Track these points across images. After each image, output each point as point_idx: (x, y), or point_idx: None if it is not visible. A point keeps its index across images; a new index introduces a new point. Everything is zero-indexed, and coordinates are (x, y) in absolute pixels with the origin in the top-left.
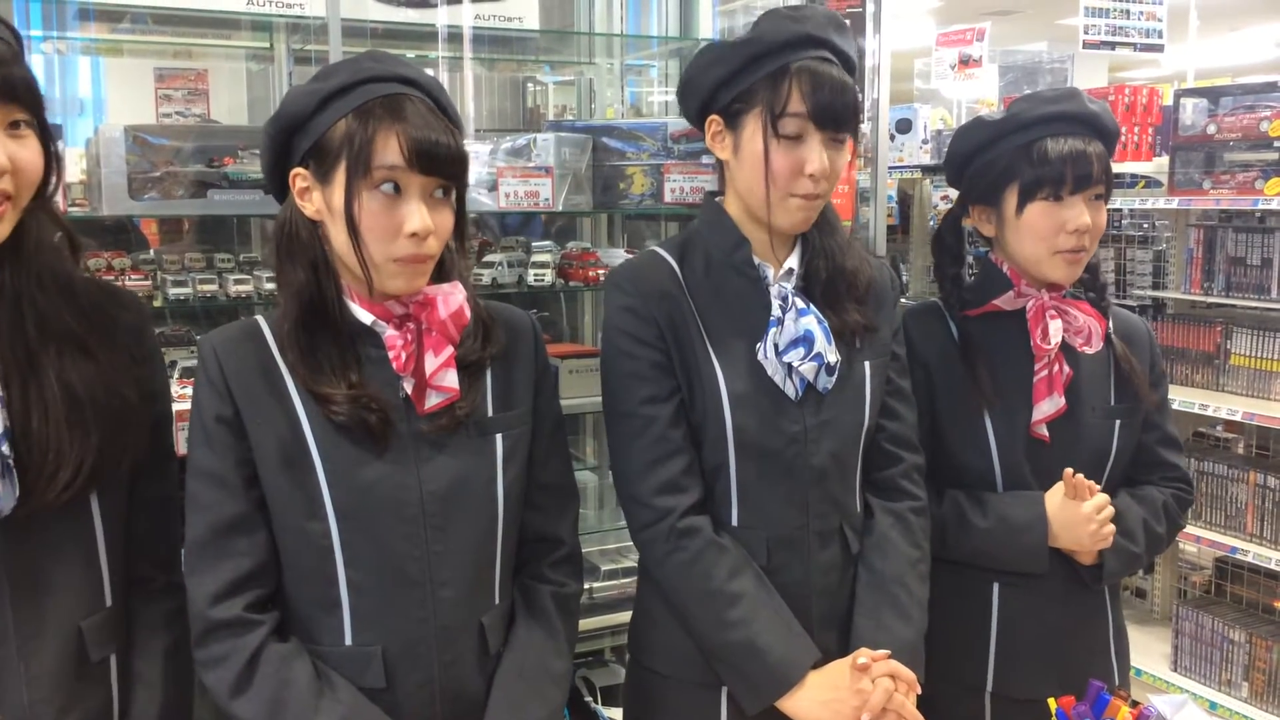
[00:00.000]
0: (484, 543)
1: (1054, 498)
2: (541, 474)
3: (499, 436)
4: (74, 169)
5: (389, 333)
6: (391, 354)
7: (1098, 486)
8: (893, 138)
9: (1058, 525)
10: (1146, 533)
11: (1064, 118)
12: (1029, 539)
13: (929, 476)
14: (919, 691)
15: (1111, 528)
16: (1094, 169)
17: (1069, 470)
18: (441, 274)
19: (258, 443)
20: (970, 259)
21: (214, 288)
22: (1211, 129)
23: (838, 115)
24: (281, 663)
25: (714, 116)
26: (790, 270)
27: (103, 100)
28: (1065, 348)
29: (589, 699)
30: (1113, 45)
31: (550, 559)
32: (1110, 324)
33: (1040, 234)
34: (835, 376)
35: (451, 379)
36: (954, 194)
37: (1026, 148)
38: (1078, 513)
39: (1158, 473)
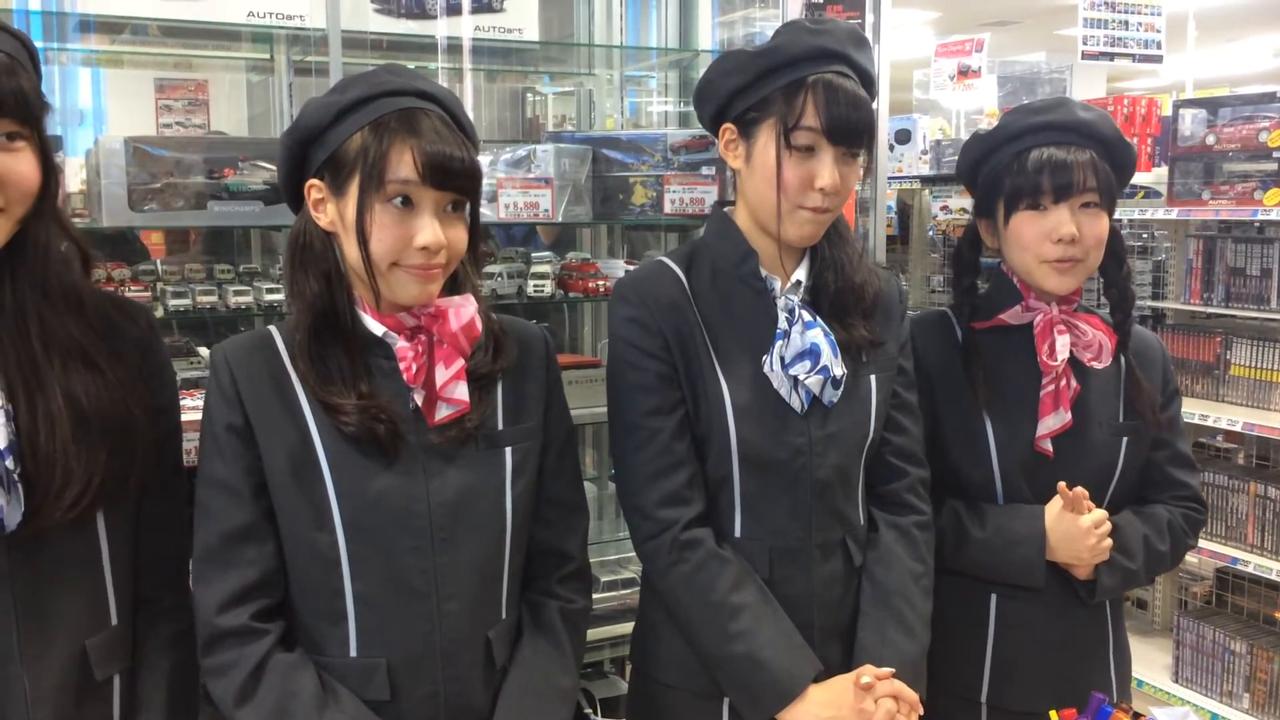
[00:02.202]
0: (491, 556)
1: (1051, 510)
2: (551, 488)
3: (508, 450)
4: (74, 180)
5: (400, 344)
6: (402, 365)
7: (1091, 503)
8: (891, 148)
9: (1055, 538)
10: (1147, 550)
11: (1049, 127)
12: (1025, 551)
13: (930, 487)
14: (920, 713)
15: (1109, 543)
16: (1076, 177)
17: (1063, 484)
18: (455, 286)
19: (267, 452)
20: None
21: (214, 299)
22: (1210, 139)
23: (851, 130)
24: (287, 673)
25: (728, 125)
26: (798, 282)
27: (103, 111)
28: (1075, 362)
29: (588, 711)
30: (1111, 56)
31: (558, 574)
32: (1125, 342)
33: (1025, 244)
34: (841, 390)
35: (462, 391)
36: (953, 204)
37: (1011, 159)
38: (1075, 526)
39: (1168, 492)
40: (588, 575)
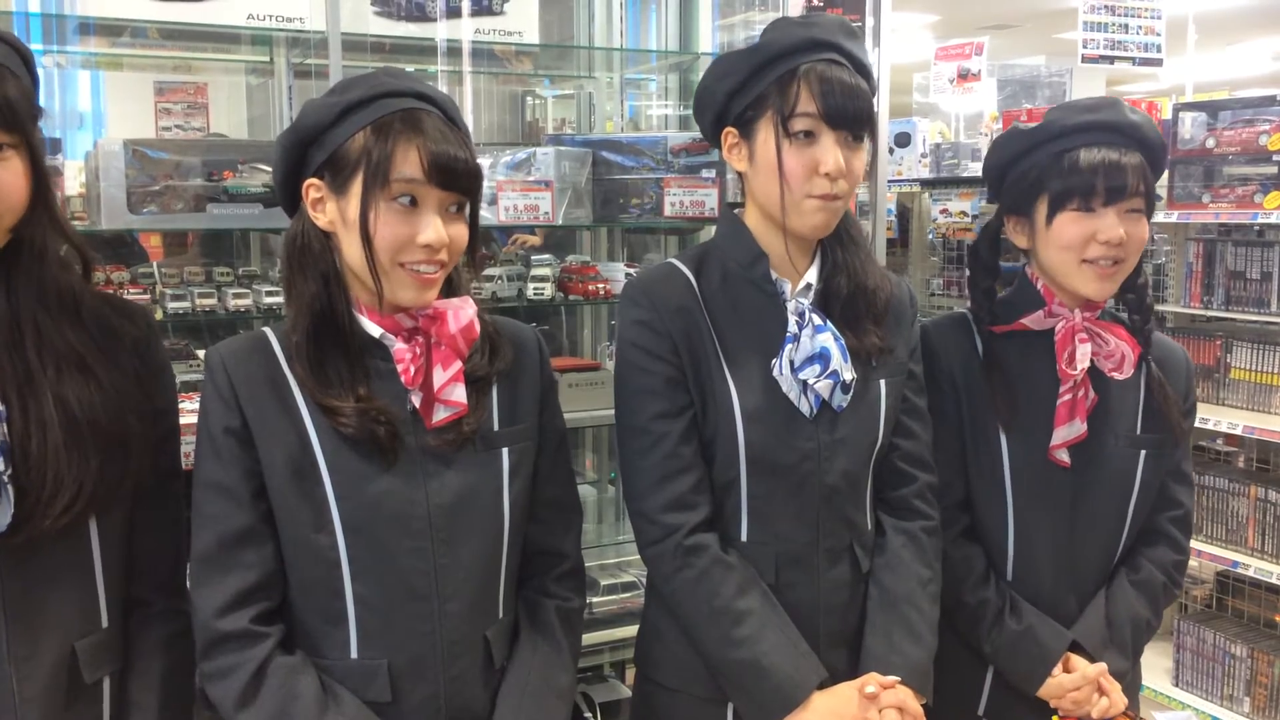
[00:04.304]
0: (490, 557)
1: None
2: (546, 488)
3: (505, 451)
4: (73, 183)
5: (398, 346)
6: (400, 367)
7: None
8: (891, 151)
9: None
10: (1148, 632)
11: (1100, 127)
12: (1022, 687)
13: (964, 504)
14: None
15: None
16: (1128, 181)
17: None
18: (450, 288)
19: (266, 454)
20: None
21: (213, 301)
22: (1210, 143)
23: (850, 113)
24: (288, 676)
25: (729, 129)
26: (808, 285)
27: (102, 114)
28: (1094, 371)
29: (588, 715)
30: (1111, 59)
31: (554, 573)
32: (1146, 350)
33: (1068, 244)
34: (850, 394)
35: (460, 393)
36: (953, 207)
37: (1059, 157)
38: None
39: (1164, 511)
40: (583, 574)
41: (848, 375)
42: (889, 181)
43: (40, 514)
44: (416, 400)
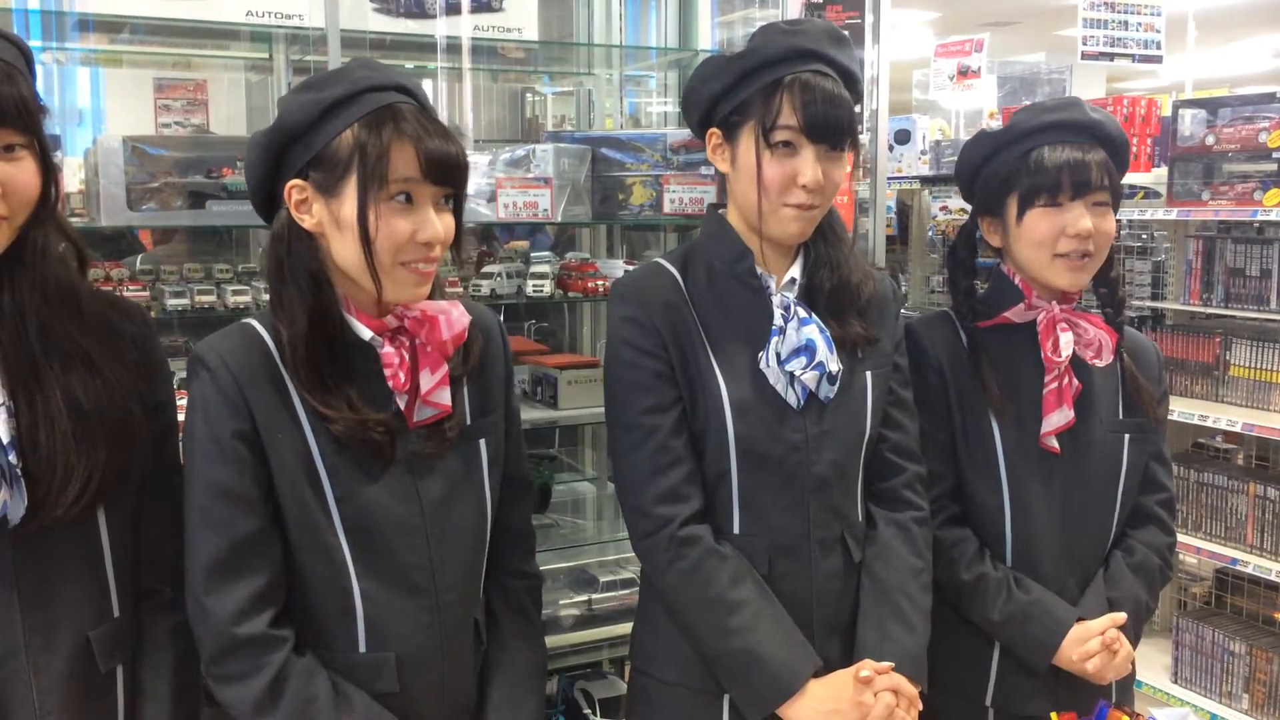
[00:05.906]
0: (477, 545)
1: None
2: (511, 467)
3: (482, 442)
4: (72, 179)
5: (385, 349)
6: (388, 372)
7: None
8: (891, 149)
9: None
10: (1148, 614)
11: (1062, 126)
12: (1033, 657)
13: (953, 493)
14: (919, 708)
15: (1100, 661)
16: (1092, 175)
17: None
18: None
19: (275, 456)
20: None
21: (212, 298)
22: (1210, 140)
23: (830, 128)
24: (305, 679)
25: (713, 129)
26: (793, 280)
27: (101, 110)
28: (1075, 360)
29: (587, 711)
30: (1111, 56)
31: (519, 550)
32: (1120, 339)
33: (1040, 239)
34: (837, 385)
35: (445, 396)
36: (953, 205)
37: (1024, 156)
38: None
39: (1151, 494)
40: (534, 544)
41: (833, 366)
42: (888, 179)
43: (52, 504)
44: (401, 401)
